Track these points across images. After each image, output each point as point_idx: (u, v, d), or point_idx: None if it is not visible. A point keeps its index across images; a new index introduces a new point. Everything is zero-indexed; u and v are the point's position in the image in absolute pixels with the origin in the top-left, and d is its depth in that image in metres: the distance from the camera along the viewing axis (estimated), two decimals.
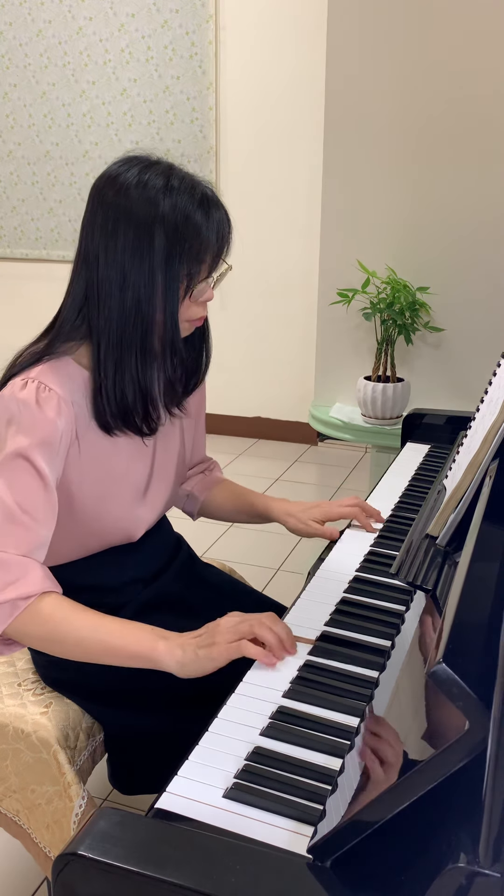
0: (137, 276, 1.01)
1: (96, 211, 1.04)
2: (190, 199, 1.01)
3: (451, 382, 2.68)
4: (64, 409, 1.04)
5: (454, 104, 2.45)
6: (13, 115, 3.86)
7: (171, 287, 1.03)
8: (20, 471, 1.02)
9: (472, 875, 0.55)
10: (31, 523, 1.02)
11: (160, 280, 1.02)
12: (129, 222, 1.00)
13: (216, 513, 1.43)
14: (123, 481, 1.17)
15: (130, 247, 1.01)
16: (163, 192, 1.00)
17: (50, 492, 1.04)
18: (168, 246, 1.01)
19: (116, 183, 1.02)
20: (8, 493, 1.01)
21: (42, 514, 1.03)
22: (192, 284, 1.05)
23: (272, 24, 3.36)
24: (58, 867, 0.67)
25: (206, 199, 1.03)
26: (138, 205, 1.00)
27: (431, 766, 0.57)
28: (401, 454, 1.77)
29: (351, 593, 1.15)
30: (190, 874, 0.63)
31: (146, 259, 1.01)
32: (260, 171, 3.54)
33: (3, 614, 1.00)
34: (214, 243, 1.04)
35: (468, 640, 0.66)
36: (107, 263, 1.02)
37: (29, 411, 1.02)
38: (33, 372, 1.05)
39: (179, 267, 1.02)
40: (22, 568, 1.00)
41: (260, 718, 0.88)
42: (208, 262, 1.06)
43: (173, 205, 1.00)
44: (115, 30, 3.56)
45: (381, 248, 2.63)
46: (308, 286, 3.51)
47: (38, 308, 4.02)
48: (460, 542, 0.95)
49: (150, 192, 1.00)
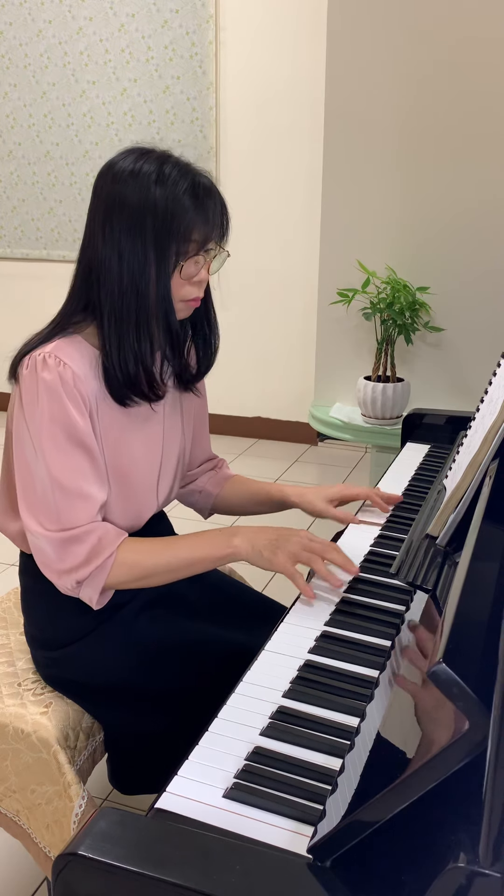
0: (131, 255, 1.08)
1: (96, 199, 1.11)
2: (180, 183, 1.08)
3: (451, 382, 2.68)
4: (79, 384, 1.09)
5: (454, 104, 2.45)
6: (13, 115, 3.86)
7: (162, 264, 1.08)
8: (64, 448, 1.07)
9: (473, 875, 0.55)
10: (88, 493, 1.09)
11: (152, 258, 1.08)
12: (124, 206, 1.07)
13: (231, 507, 1.47)
14: (138, 462, 1.20)
15: (125, 228, 1.07)
16: (154, 178, 1.07)
17: (95, 457, 1.11)
18: (157, 227, 1.07)
19: (113, 171, 1.10)
20: (58, 472, 1.07)
21: (94, 481, 1.10)
22: (180, 261, 1.10)
23: (272, 24, 3.36)
24: (58, 867, 0.67)
25: (196, 184, 1.09)
26: (132, 190, 1.07)
27: (431, 766, 0.57)
28: (401, 454, 1.77)
29: (351, 593, 1.15)
30: (190, 874, 0.63)
31: (138, 239, 1.07)
32: (260, 171, 3.54)
33: (98, 578, 1.10)
34: (202, 224, 1.10)
35: (468, 640, 0.66)
36: (104, 244, 1.09)
37: (55, 389, 1.07)
38: (48, 347, 1.09)
39: (168, 245, 1.08)
40: (93, 533, 1.09)
41: (260, 718, 0.88)
42: (197, 241, 1.10)
43: (164, 188, 1.07)
44: (115, 30, 3.56)
45: (381, 248, 2.63)
46: (308, 286, 3.51)
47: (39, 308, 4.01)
48: (460, 542, 0.95)
49: (143, 179, 1.07)
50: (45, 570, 1.12)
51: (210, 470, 1.46)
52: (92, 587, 1.10)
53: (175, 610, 1.25)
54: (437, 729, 0.60)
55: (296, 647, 1.02)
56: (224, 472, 1.48)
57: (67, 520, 1.08)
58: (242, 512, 1.47)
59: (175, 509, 1.38)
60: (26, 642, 1.28)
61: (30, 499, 1.11)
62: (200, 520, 1.51)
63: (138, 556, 1.12)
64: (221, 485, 1.45)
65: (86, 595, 1.11)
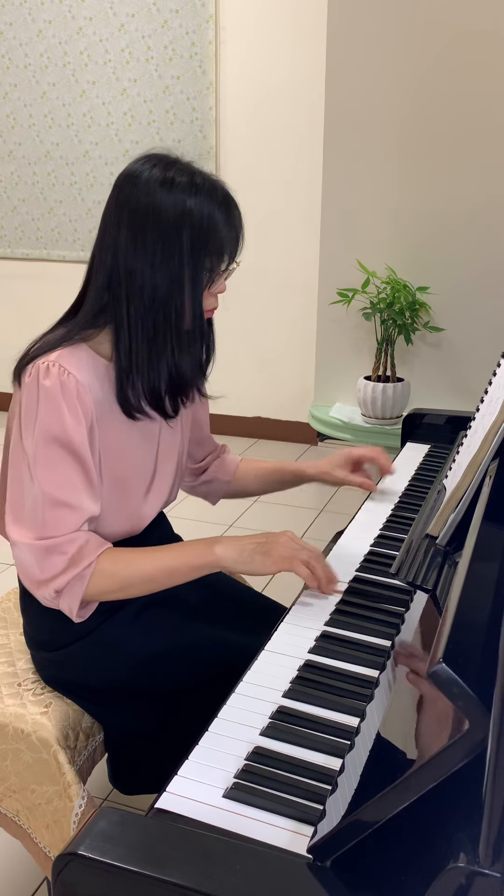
0: (166, 269, 1.07)
1: (122, 208, 1.08)
2: (213, 198, 1.07)
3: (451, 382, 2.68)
4: (82, 394, 1.08)
5: (454, 104, 2.45)
6: (13, 115, 3.86)
7: (197, 278, 1.08)
8: (57, 457, 1.07)
9: (472, 875, 0.55)
10: (76, 504, 1.08)
11: (187, 272, 1.07)
12: (158, 219, 1.06)
13: (246, 490, 1.50)
14: (134, 470, 1.20)
15: (160, 241, 1.06)
16: (189, 191, 1.06)
17: (88, 469, 1.09)
18: (194, 241, 1.06)
19: (141, 181, 1.07)
20: (48, 481, 1.06)
21: (84, 492, 1.09)
22: (213, 276, 1.11)
23: (272, 24, 3.36)
24: (58, 867, 0.67)
25: (226, 198, 1.10)
26: (167, 203, 1.05)
27: (431, 766, 0.57)
28: (401, 454, 1.77)
29: (351, 593, 1.15)
30: (190, 874, 0.63)
31: (175, 253, 1.06)
32: (260, 171, 3.54)
33: (76, 589, 1.08)
34: (233, 239, 1.11)
35: (468, 640, 0.66)
36: (135, 257, 1.07)
37: (55, 397, 1.06)
38: (52, 356, 1.08)
39: (204, 260, 1.08)
40: (73, 543, 1.07)
41: (260, 718, 0.88)
42: (226, 257, 1.11)
43: (199, 203, 1.06)
44: (115, 30, 3.56)
45: (381, 248, 2.63)
46: (308, 286, 3.50)
47: (39, 308, 4.03)
48: (460, 542, 0.95)
49: (177, 192, 1.06)
50: (25, 580, 1.11)
51: (216, 459, 1.49)
52: (71, 596, 1.08)
53: (175, 610, 1.25)
54: (437, 729, 0.60)
55: (296, 647, 1.02)
56: (230, 457, 1.50)
57: (51, 529, 1.07)
58: (257, 493, 1.50)
59: (175, 509, 1.38)
60: (26, 643, 1.28)
61: (16, 506, 1.10)
62: (199, 519, 1.51)
63: (118, 566, 1.09)
64: (232, 471, 1.48)
65: (66, 605, 1.09)
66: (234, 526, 2.95)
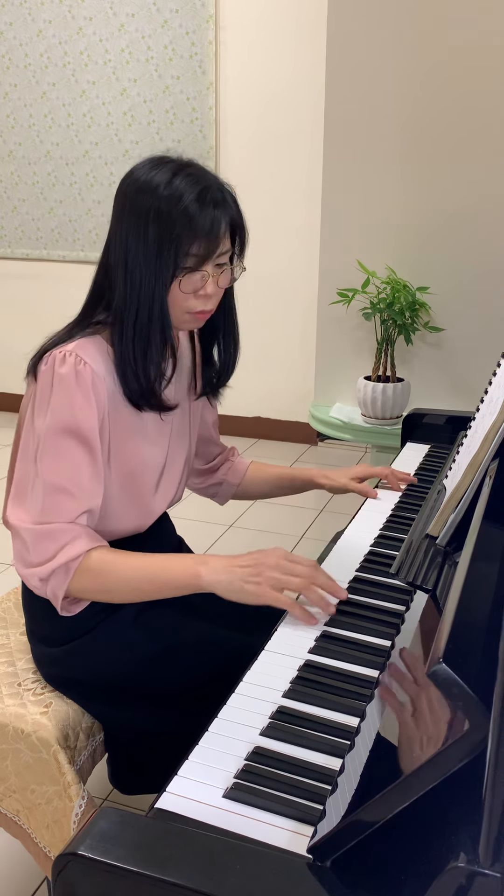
0: (134, 261, 1.08)
1: (116, 202, 1.12)
2: (188, 191, 1.06)
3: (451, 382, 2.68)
4: (97, 384, 1.09)
5: (454, 104, 2.45)
6: (13, 115, 3.86)
7: (162, 274, 1.08)
8: (64, 446, 1.07)
9: (472, 875, 0.55)
10: (77, 493, 1.08)
11: (152, 268, 1.07)
12: (132, 212, 1.07)
13: (254, 493, 1.53)
14: (145, 465, 1.21)
15: (133, 233, 1.07)
16: (164, 184, 1.06)
17: (96, 458, 1.10)
18: (159, 232, 1.06)
19: (132, 177, 1.10)
20: (52, 468, 1.07)
21: (88, 484, 1.09)
22: (177, 274, 1.08)
23: (272, 24, 3.36)
24: (58, 867, 0.67)
25: (205, 193, 1.07)
26: (141, 194, 1.07)
27: (431, 766, 0.57)
28: (401, 454, 1.77)
29: (351, 593, 1.15)
30: (190, 874, 0.63)
31: (141, 244, 1.07)
32: (260, 171, 3.54)
33: (59, 579, 1.07)
34: (204, 238, 1.07)
35: (468, 640, 0.66)
36: (116, 249, 1.09)
37: (69, 385, 1.07)
38: (70, 346, 1.09)
39: (168, 254, 1.06)
40: (67, 533, 1.07)
41: (260, 718, 0.88)
42: (198, 256, 1.08)
43: (170, 194, 1.06)
44: (115, 30, 3.56)
45: (381, 248, 2.63)
46: (308, 286, 3.50)
47: (39, 308, 4.03)
48: (460, 542, 0.95)
49: (153, 184, 1.07)
50: (17, 564, 1.13)
51: (225, 461, 1.51)
52: (55, 584, 1.08)
53: (176, 610, 1.25)
54: (437, 729, 0.60)
55: (296, 647, 1.02)
56: (240, 460, 1.52)
57: (48, 514, 1.07)
58: (265, 496, 1.53)
59: (175, 509, 1.38)
60: (27, 641, 1.28)
61: (21, 489, 1.12)
62: (200, 519, 1.51)
63: (104, 566, 1.08)
64: (242, 474, 1.50)
65: (51, 592, 1.09)
66: (234, 526, 2.95)
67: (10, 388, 4.26)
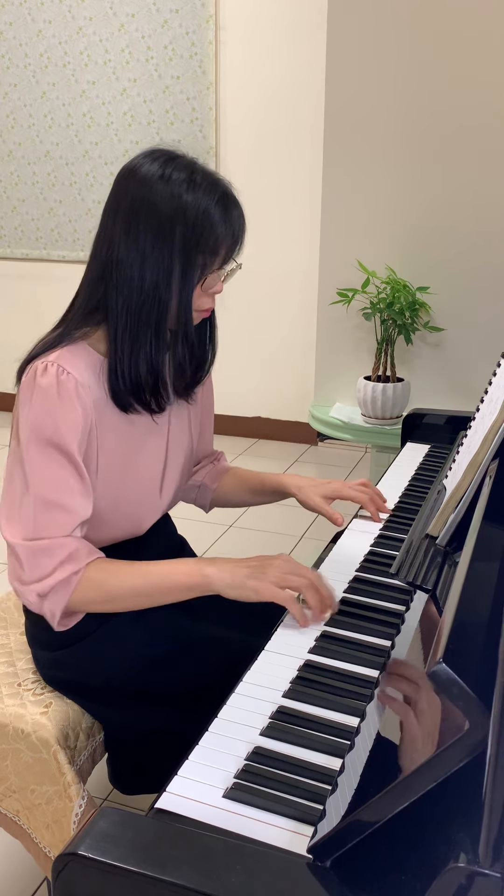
0: (157, 262, 1.06)
1: (120, 200, 1.08)
2: (210, 195, 1.06)
3: (451, 382, 2.68)
4: (82, 394, 1.07)
5: (454, 104, 2.45)
6: (13, 115, 3.86)
7: (187, 274, 1.07)
8: (50, 458, 1.06)
9: (473, 875, 0.55)
10: (69, 506, 1.07)
11: (178, 267, 1.07)
12: (153, 213, 1.05)
13: (229, 499, 1.47)
14: (140, 468, 1.20)
15: (152, 234, 1.06)
16: (185, 187, 1.05)
17: (82, 473, 1.08)
18: (187, 236, 1.06)
19: (139, 174, 1.07)
20: (41, 482, 1.06)
21: (78, 496, 1.08)
22: (205, 274, 1.09)
23: (272, 23, 3.36)
24: (58, 867, 0.67)
25: (225, 196, 1.09)
26: (162, 197, 1.05)
27: (431, 766, 0.57)
28: (401, 454, 1.77)
29: (351, 593, 1.15)
30: (190, 874, 0.63)
31: (166, 246, 1.06)
32: (260, 171, 3.54)
33: (60, 594, 1.07)
34: (229, 238, 1.09)
35: (468, 640, 0.66)
36: (127, 247, 1.07)
37: (50, 396, 1.05)
38: (52, 356, 1.08)
39: (196, 256, 1.07)
40: (65, 548, 1.06)
41: (260, 718, 0.88)
42: (222, 255, 1.10)
43: (195, 199, 1.05)
44: (115, 30, 3.56)
45: (381, 248, 2.63)
46: (308, 286, 3.50)
47: (39, 308, 4.03)
48: (460, 542, 0.95)
49: (174, 187, 1.05)
50: (12, 581, 1.11)
51: (209, 464, 1.47)
52: (55, 600, 1.07)
53: (175, 610, 1.25)
54: (437, 729, 0.60)
55: (296, 647, 1.02)
56: (221, 464, 1.48)
57: (42, 530, 1.06)
58: (241, 503, 1.48)
59: (175, 509, 1.38)
60: (27, 642, 1.28)
61: (11, 505, 1.10)
62: (200, 519, 1.51)
63: (106, 576, 1.08)
64: (219, 478, 1.45)
65: (48, 609, 1.08)
66: (234, 526, 2.95)
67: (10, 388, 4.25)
